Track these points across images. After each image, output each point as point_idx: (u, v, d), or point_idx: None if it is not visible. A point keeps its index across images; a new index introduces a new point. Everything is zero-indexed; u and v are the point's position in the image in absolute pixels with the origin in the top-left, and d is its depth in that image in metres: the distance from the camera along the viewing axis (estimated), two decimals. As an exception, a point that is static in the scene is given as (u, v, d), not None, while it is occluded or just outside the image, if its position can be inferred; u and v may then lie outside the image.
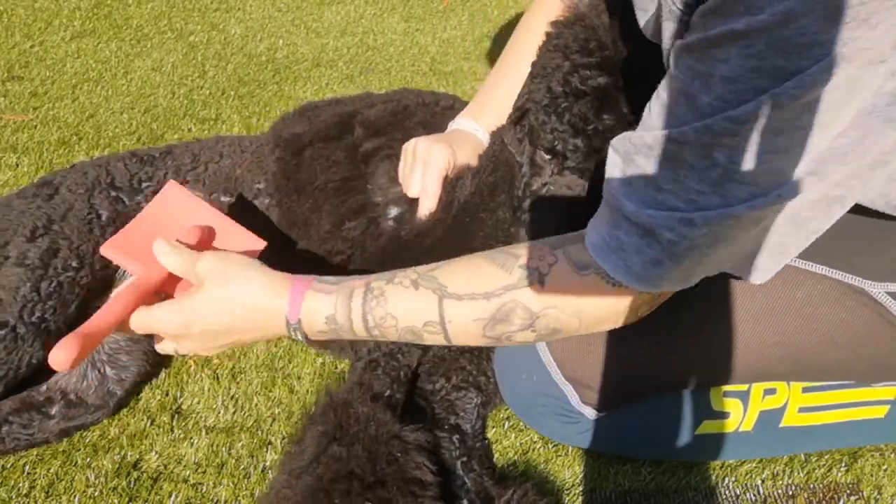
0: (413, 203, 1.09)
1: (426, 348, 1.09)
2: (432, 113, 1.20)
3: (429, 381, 1.06)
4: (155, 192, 1.13)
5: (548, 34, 0.96)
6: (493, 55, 2.37)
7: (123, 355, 1.13)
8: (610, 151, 0.75)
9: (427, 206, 1.06)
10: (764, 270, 0.74)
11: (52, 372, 1.10)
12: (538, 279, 0.76)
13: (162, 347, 0.87)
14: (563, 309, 0.77)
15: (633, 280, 0.73)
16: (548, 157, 0.95)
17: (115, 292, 0.80)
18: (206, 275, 0.81)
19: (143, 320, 0.81)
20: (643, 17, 0.84)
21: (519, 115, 1.02)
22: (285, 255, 1.13)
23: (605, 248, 0.74)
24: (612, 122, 0.88)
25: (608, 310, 0.79)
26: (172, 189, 0.94)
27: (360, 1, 2.69)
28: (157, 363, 1.18)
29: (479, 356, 1.08)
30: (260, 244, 0.94)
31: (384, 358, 1.05)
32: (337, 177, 1.13)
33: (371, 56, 2.31)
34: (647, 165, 0.69)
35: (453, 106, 1.22)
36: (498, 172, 1.06)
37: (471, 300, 0.78)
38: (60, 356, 0.71)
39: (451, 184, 1.06)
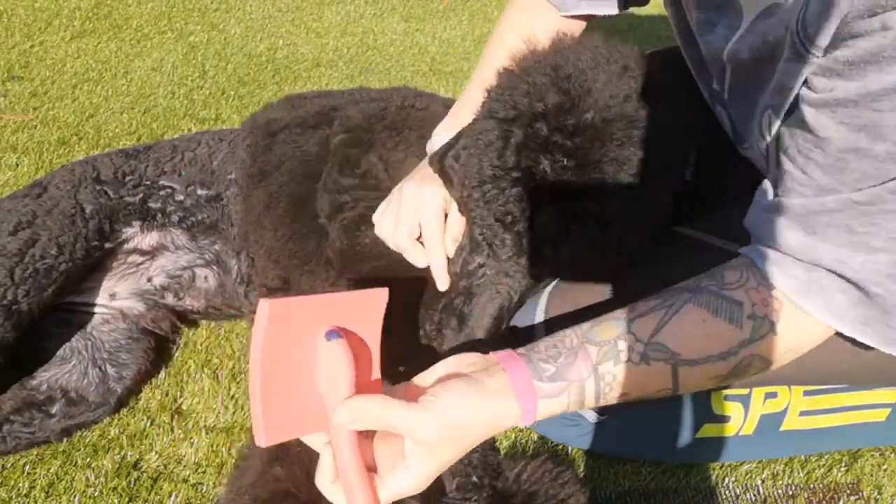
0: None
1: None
2: (405, 117, 1.13)
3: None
4: (136, 186, 1.13)
5: (488, 93, 0.87)
6: (493, 55, 2.37)
7: (124, 353, 1.14)
8: (766, 214, 0.74)
9: (441, 280, 0.92)
10: None
11: (46, 367, 1.11)
12: (771, 329, 0.74)
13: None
14: (796, 348, 0.76)
15: (839, 322, 0.72)
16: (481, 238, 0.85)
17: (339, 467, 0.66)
18: (433, 439, 0.68)
19: (387, 498, 0.68)
20: (719, 36, 0.80)
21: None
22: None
23: (807, 291, 0.71)
24: (546, 220, 0.79)
25: (820, 338, 0.77)
26: (274, 309, 0.63)
27: (360, 1, 2.69)
28: (157, 362, 1.19)
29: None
30: (382, 294, 0.74)
31: None
32: (301, 169, 1.09)
33: (371, 56, 2.31)
34: (837, 219, 0.67)
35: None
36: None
37: (706, 363, 0.75)
38: None
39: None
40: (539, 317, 0.97)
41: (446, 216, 0.95)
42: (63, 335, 1.13)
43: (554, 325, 0.95)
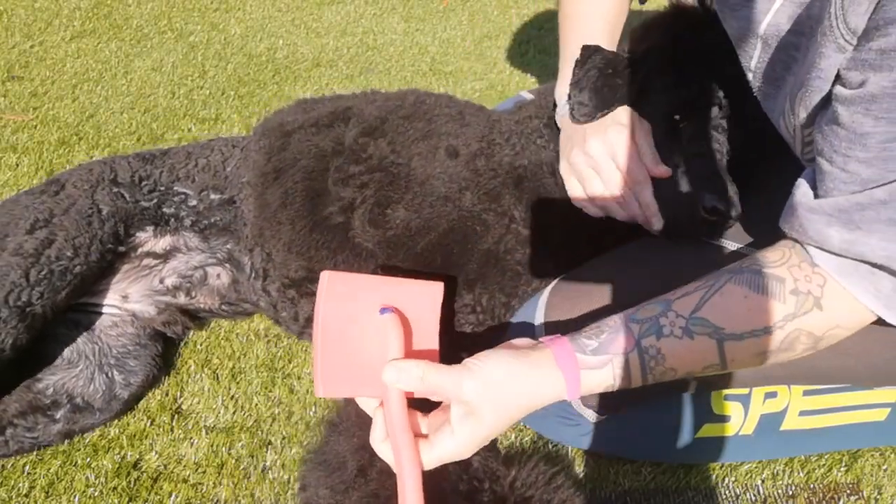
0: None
1: None
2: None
3: None
4: (151, 191, 1.14)
5: (648, 24, 1.02)
6: (493, 55, 2.37)
7: (131, 360, 1.13)
8: (806, 213, 0.73)
9: (647, 194, 0.95)
10: None
11: (53, 370, 1.10)
12: (816, 304, 0.73)
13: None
14: (845, 326, 0.76)
15: (882, 306, 0.71)
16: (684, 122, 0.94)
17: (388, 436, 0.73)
18: (476, 400, 0.72)
19: (433, 461, 0.73)
20: (760, 10, 0.80)
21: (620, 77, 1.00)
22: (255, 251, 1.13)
23: (854, 272, 0.71)
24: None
25: (867, 319, 0.76)
26: (332, 280, 0.76)
27: (360, 1, 2.69)
28: (162, 365, 1.18)
29: None
30: (438, 288, 0.83)
31: None
32: (317, 165, 1.10)
33: (371, 56, 2.31)
34: (885, 212, 0.66)
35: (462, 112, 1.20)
36: (498, 179, 1.04)
37: (752, 337, 0.75)
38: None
39: None
40: (539, 318, 0.97)
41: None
42: (70, 337, 1.12)
43: (553, 325, 0.95)
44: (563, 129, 1.04)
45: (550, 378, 0.74)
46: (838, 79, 0.67)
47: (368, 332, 0.76)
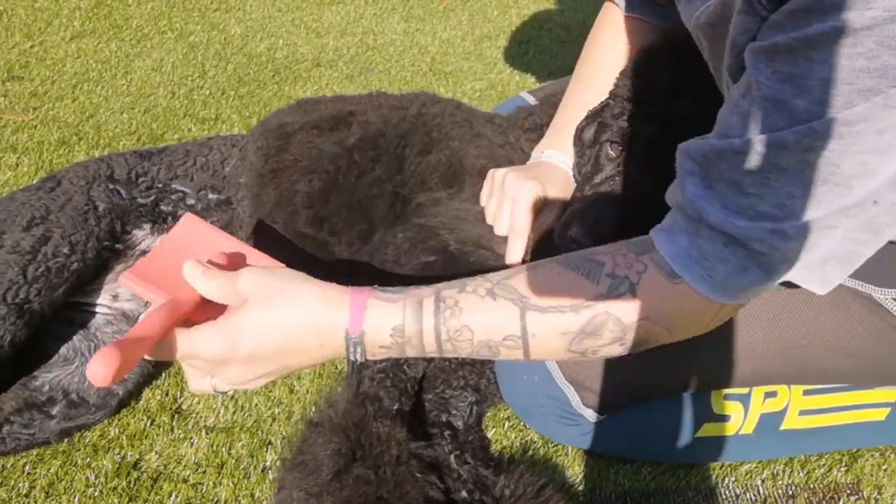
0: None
1: (429, 360, 1.05)
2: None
3: (429, 390, 1.05)
4: (149, 188, 1.14)
5: (640, 51, 1.00)
6: (493, 55, 2.37)
7: None
8: (680, 158, 0.72)
9: (518, 247, 0.98)
10: (832, 281, 0.69)
11: (49, 367, 1.10)
12: (629, 289, 0.71)
13: (198, 386, 0.76)
14: (655, 320, 0.72)
15: (716, 291, 0.70)
16: (613, 154, 0.96)
17: (143, 314, 0.72)
18: (251, 292, 0.71)
19: (184, 345, 0.70)
20: (696, 5, 0.80)
21: (597, 110, 1.03)
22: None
23: (687, 258, 0.70)
24: (688, 113, 0.89)
25: (697, 318, 0.74)
26: (189, 220, 0.86)
27: (360, 1, 2.69)
28: (157, 362, 1.18)
29: (483, 364, 1.07)
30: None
31: (392, 369, 1.01)
32: (317, 168, 1.10)
33: (371, 56, 2.31)
34: (732, 171, 0.65)
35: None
36: None
37: (557, 312, 0.72)
38: (97, 370, 0.64)
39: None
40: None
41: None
42: (66, 335, 1.13)
43: None
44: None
45: (335, 301, 0.71)
46: (753, 40, 0.67)
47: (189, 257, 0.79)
